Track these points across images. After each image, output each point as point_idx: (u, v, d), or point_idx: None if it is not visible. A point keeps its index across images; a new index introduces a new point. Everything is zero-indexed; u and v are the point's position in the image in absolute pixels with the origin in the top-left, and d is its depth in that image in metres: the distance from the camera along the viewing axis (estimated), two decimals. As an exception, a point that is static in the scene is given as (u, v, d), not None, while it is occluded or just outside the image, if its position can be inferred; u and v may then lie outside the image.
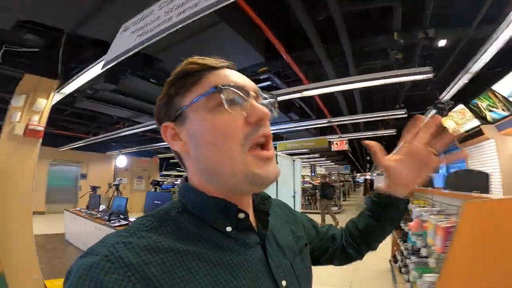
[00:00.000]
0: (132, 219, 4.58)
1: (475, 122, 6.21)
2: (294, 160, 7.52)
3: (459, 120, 6.77)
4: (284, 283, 0.50)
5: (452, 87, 4.63)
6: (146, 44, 1.87)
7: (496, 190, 6.08)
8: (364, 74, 3.95)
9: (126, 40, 2.06)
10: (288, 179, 7.15)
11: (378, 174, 16.82)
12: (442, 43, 3.83)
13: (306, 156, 13.35)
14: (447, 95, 4.99)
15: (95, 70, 2.89)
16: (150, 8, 1.99)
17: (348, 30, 3.68)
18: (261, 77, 4.71)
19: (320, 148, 7.77)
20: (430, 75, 3.49)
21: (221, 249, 0.45)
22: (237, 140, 0.45)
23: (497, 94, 5.07)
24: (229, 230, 0.47)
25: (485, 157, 6.45)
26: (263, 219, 0.54)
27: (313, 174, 16.29)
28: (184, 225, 0.45)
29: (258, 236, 0.51)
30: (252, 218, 0.52)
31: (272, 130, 0.52)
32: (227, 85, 0.47)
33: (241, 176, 0.46)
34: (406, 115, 5.50)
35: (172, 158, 11.99)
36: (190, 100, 0.48)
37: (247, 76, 0.54)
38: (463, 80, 4.28)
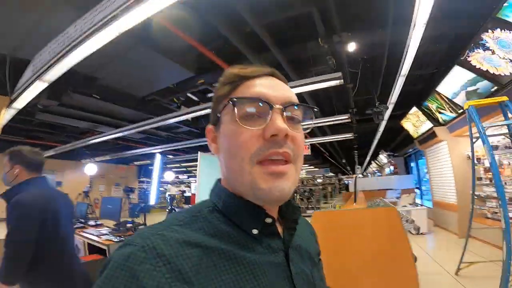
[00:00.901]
0: (91, 222, 4.68)
1: (429, 124, 6.16)
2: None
3: (415, 122, 6.73)
4: None
5: (393, 91, 4.58)
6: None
7: (451, 192, 6.03)
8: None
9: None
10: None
11: (363, 176, 16.98)
12: (351, 47, 3.74)
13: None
14: (392, 98, 4.94)
15: (33, 89, 3.08)
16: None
17: (277, 39, 3.68)
18: (200, 88, 4.82)
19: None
20: (341, 81, 3.42)
21: (246, 250, 0.45)
22: (248, 153, 0.45)
23: (442, 95, 5.03)
24: (255, 233, 0.47)
25: (441, 159, 6.40)
26: (290, 226, 0.54)
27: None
28: (214, 223, 0.46)
29: (282, 242, 0.51)
30: (277, 224, 0.52)
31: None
32: (242, 98, 0.48)
33: (247, 187, 0.46)
34: (349, 120, 5.45)
35: (150, 165, 11.94)
36: (227, 107, 0.49)
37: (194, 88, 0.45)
38: (399, 83, 4.24)
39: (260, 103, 0.47)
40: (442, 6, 3.12)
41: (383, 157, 13.39)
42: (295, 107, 0.50)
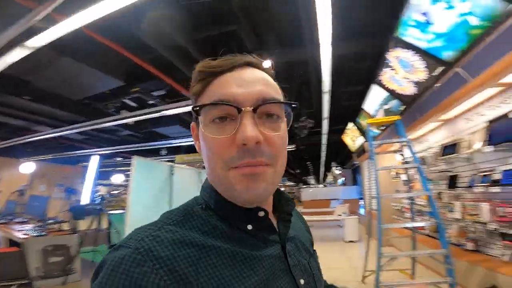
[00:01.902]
0: (18, 219, 4.77)
1: (362, 139, 6.52)
2: (200, 172, 7.34)
3: (353, 137, 7.10)
4: (302, 281, 0.49)
5: (323, 107, 4.79)
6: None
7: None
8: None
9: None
10: (191, 190, 6.95)
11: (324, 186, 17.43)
12: (267, 63, 3.90)
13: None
14: (324, 113, 5.17)
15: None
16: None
17: (207, 53, 3.74)
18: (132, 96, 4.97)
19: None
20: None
21: (243, 245, 0.44)
22: (221, 160, 0.43)
23: (367, 112, 5.35)
24: (250, 228, 0.46)
25: (370, 172, 6.76)
26: (285, 219, 0.53)
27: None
28: (208, 220, 0.45)
29: (278, 234, 0.50)
30: (272, 217, 0.51)
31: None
32: (206, 105, 0.44)
33: (224, 189, 0.46)
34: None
35: (98, 167, 11.33)
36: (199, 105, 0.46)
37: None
38: (325, 99, 4.45)
39: (231, 107, 0.42)
40: (350, 25, 3.35)
41: (335, 169, 13.94)
42: (275, 102, 0.45)
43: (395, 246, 5.44)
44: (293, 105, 0.47)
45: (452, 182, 3.74)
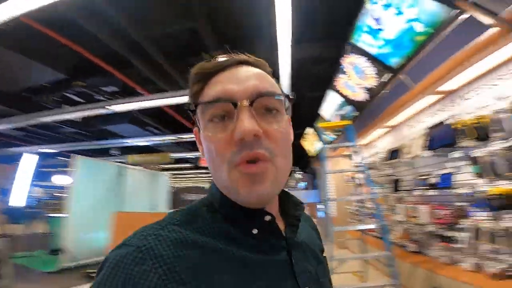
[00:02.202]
0: None
1: (320, 144, 6.65)
2: (155, 174, 6.94)
3: (312, 141, 7.23)
4: None
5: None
6: None
7: (333, 207, 6.52)
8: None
9: None
10: (145, 192, 6.54)
11: None
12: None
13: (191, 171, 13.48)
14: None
15: None
16: None
17: (164, 51, 3.63)
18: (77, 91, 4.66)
19: (164, 162, 7.48)
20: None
21: (246, 249, 0.43)
22: (224, 159, 0.42)
23: (324, 118, 5.47)
24: (255, 232, 0.45)
25: (327, 176, 6.94)
26: (292, 224, 0.51)
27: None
28: (212, 222, 0.44)
29: (285, 240, 0.48)
30: (279, 221, 0.50)
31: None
32: (203, 103, 0.44)
33: (229, 191, 0.44)
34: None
35: (40, 166, 10.22)
36: (197, 107, 0.46)
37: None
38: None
39: (223, 103, 0.42)
40: (310, 28, 3.35)
41: (296, 174, 14.17)
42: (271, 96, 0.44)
43: (349, 248, 5.57)
44: (290, 97, 0.47)
45: (396, 185, 3.91)
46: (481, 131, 2.28)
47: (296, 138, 7.46)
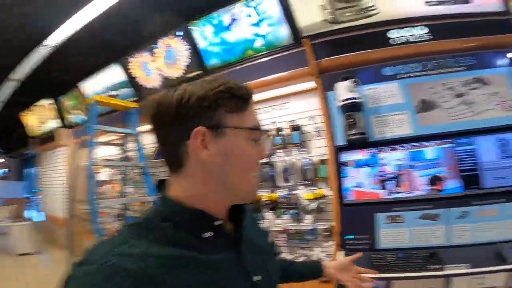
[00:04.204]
0: None
1: (54, 124, 4.97)
2: None
3: (41, 117, 5.22)
4: (256, 278, 0.54)
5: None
6: None
7: (62, 205, 4.95)
8: None
9: None
10: None
11: None
12: None
13: None
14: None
15: None
16: None
17: None
18: None
19: None
20: None
21: (202, 252, 0.47)
22: (255, 171, 0.55)
23: (83, 94, 4.25)
24: (206, 236, 0.50)
25: (58, 167, 5.25)
26: (238, 224, 0.57)
27: None
28: (168, 232, 0.47)
29: (233, 238, 0.54)
30: (227, 224, 0.56)
31: None
32: (261, 128, 0.55)
33: (247, 193, 0.55)
34: None
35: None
36: (235, 124, 0.51)
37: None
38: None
39: (264, 131, 0.56)
40: None
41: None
42: None
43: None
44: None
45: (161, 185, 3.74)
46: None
47: (14, 106, 5.08)
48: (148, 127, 0.56)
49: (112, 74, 3.54)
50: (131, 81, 3.36)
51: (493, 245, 1.45)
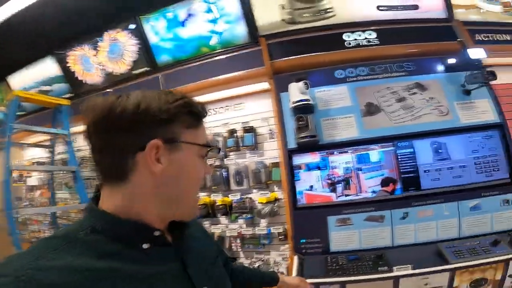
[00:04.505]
0: None
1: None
2: None
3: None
4: None
5: None
6: None
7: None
8: None
9: None
10: None
11: None
12: None
13: None
14: None
15: None
16: None
17: None
18: None
19: None
20: None
21: (139, 265, 0.45)
22: (199, 187, 0.56)
23: (11, 88, 3.64)
24: (146, 247, 0.47)
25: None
26: (180, 234, 0.55)
27: None
28: (96, 245, 0.43)
29: (175, 249, 0.53)
30: (168, 235, 0.54)
31: None
32: (212, 145, 0.61)
33: (191, 208, 0.56)
34: None
35: None
36: (189, 139, 0.51)
37: None
38: None
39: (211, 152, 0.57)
40: None
41: None
42: None
43: None
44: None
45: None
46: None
47: None
48: (83, 128, 0.49)
49: (46, 68, 3.09)
50: (67, 76, 2.97)
51: (433, 244, 1.52)
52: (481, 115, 1.71)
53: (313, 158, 1.75)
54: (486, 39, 1.98)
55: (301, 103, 1.67)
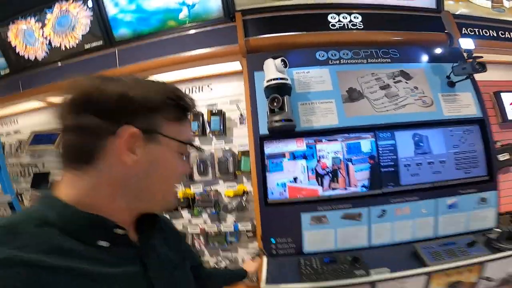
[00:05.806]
0: None
1: None
2: None
3: None
4: None
5: None
6: None
7: None
8: None
9: None
10: None
11: None
12: None
13: None
14: None
15: None
16: None
17: None
18: None
19: None
20: None
21: (95, 264, 0.40)
22: (176, 183, 0.53)
23: None
24: (104, 245, 0.43)
25: None
26: (146, 234, 0.52)
27: None
28: (47, 238, 0.38)
29: (138, 250, 0.48)
30: (133, 234, 0.50)
31: None
32: (194, 143, 0.54)
33: (164, 203, 0.52)
34: None
35: None
36: (170, 133, 0.48)
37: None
38: None
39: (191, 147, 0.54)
40: None
41: None
42: None
43: None
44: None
45: (38, 180, 2.85)
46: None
47: None
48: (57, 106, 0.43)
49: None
50: (6, 51, 2.47)
51: (410, 244, 1.39)
52: (464, 109, 1.60)
53: (288, 146, 1.52)
54: (473, 33, 1.90)
55: (277, 81, 1.41)
